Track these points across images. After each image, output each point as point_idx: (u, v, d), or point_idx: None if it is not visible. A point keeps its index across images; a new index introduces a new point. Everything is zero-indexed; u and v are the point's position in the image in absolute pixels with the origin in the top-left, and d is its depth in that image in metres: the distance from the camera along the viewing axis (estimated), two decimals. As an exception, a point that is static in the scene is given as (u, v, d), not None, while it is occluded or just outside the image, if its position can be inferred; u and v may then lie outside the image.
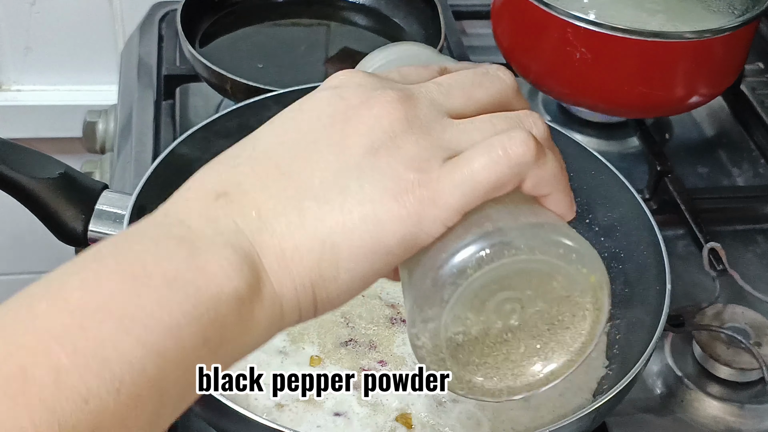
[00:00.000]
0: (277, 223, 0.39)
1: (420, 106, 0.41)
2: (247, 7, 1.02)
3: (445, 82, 0.43)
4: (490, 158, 0.39)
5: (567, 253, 0.40)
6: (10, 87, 1.22)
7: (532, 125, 0.42)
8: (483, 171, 0.39)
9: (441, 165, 0.39)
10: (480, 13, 1.08)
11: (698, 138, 0.99)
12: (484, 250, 0.39)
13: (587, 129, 0.97)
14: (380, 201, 0.38)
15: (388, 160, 0.39)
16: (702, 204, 0.86)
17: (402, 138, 0.39)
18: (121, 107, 0.97)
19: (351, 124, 0.40)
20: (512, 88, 0.44)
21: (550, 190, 0.41)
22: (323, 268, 0.39)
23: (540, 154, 0.40)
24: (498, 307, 0.41)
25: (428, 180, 0.39)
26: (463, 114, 0.42)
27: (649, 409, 0.71)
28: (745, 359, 0.71)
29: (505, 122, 0.41)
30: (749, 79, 1.02)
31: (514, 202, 0.41)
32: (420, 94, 0.42)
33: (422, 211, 0.39)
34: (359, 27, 1.02)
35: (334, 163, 0.39)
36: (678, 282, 0.70)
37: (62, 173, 0.67)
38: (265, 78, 0.89)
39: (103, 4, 1.16)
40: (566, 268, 0.40)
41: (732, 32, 0.85)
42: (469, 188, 0.39)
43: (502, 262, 0.39)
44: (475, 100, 0.43)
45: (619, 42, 0.83)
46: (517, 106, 0.44)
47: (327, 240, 0.38)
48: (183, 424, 0.67)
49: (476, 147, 0.39)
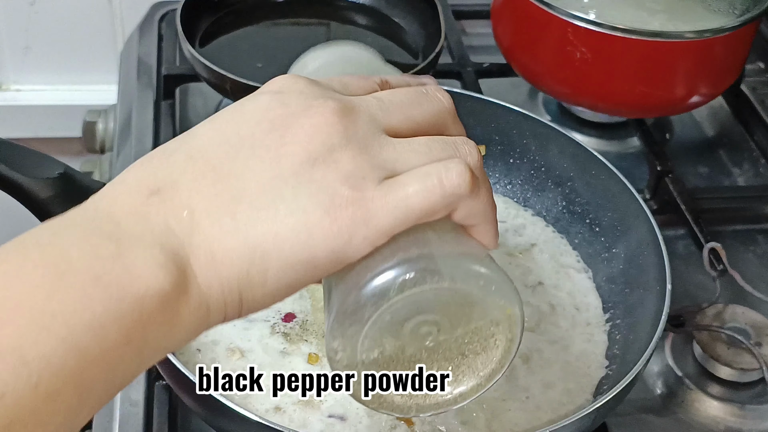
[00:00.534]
0: (209, 225, 0.39)
1: (359, 121, 0.41)
2: (247, 7, 1.02)
3: (385, 98, 0.43)
4: (425, 186, 0.40)
5: (487, 285, 0.41)
6: (9, 87, 1.22)
7: (467, 153, 0.42)
8: (417, 197, 0.40)
9: (376, 185, 0.40)
10: (480, 13, 1.08)
11: (699, 138, 0.99)
12: (408, 275, 0.40)
13: (587, 129, 0.97)
14: (313, 214, 0.39)
15: (324, 173, 0.39)
16: (702, 204, 0.86)
17: (340, 152, 0.40)
18: (121, 107, 0.97)
19: (290, 132, 0.40)
20: (449, 110, 0.45)
21: (479, 222, 0.42)
22: (252, 274, 0.39)
23: (474, 187, 0.41)
24: (415, 329, 0.42)
25: (362, 199, 0.39)
26: (398, 132, 0.42)
27: (649, 409, 0.71)
28: (745, 359, 0.71)
29: (442, 149, 0.42)
30: (749, 78, 1.02)
31: (442, 228, 0.42)
32: (360, 108, 0.42)
33: (353, 229, 0.39)
34: (359, 27, 1.02)
35: (270, 170, 0.40)
36: (678, 282, 0.70)
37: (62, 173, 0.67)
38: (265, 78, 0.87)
39: (102, 4, 1.16)
40: (484, 300, 0.42)
41: (732, 32, 0.85)
42: (401, 213, 0.39)
43: (423, 288, 0.40)
44: (412, 119, 0.43)
45: (619, 42, 0.83)
46: (453, 129, 0.45)
47: (258, 247, 0.39)
48: (183, 424, 0.67)
49: (413, 173, 0.40)
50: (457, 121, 0.46)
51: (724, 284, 0.76)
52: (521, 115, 0.78)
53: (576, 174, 0.76)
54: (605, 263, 0.73)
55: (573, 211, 0.77)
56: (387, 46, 0.99)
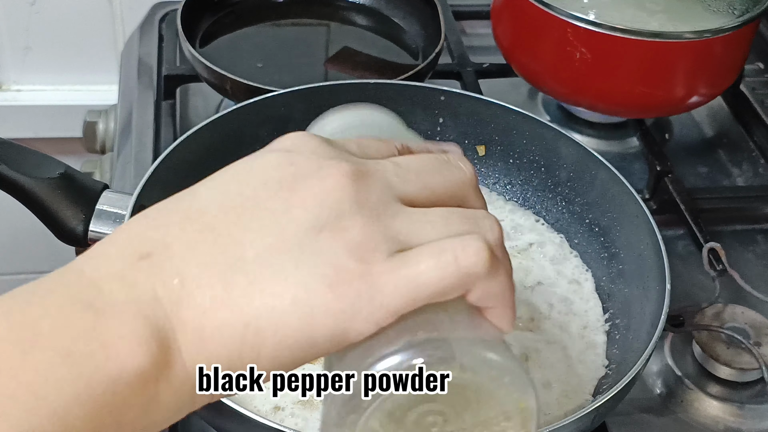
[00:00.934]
0: (200, 295, 0.35)
1: (373, 187, 0.38)
2: (247, 7, 1.02)
3: (403, 163, 0.40)
4: (438, 263, 0.36)
5: (499, 376, 0.38)
6: (10, 87, 1.22)
7: (488, 229, 0.38)
8: (429, 275, 0.36)
9: (386, 258, 0.36)
10: (480, 13, 1.08)
11: (698, 138, 0.99)
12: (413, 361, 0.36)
13: (587, 129, 0.97)
14: (315, 288, 0.35)
15: (331, 242, 0.36)
16: (702, 204, 0.86)
17: (349, 219, 0.36)
18: (122, 107, 0.97)
19: (298, 195, 0.37)
20: (471, 182, 0.41)
21: (495, 305, 0.38)
22: (244, 352, 0.36)
23: (492, 267, 0.37)
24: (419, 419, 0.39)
25: (369, 273, 0.36)
26: (415, 201, 0.39)
27: (648, 409, 0.71)
28: (744, 359, 0.71)
29: (461, 222, 0.38)
30: (749, 79, 1.02)
31: (454, 308, 0.38)
32: (375, 173, 0.38)
33: (357, 306, 0.36)
34: (359, 27, 1.02)
35: (272, 236, 0.36)
36: (678, 282, 0.70)
37: (62, 173, 0.67)
38: (265, 78, 0.89)
39: (103, 4, 1.16)
40: (496, 391, 0.38)
41: (732, 32, 0.85)
42: (411, 291, 0.36)
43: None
44: (430, 188, 0.40)
45: (619, 42, 0.83)
46: (474, 202, 0.41)
47: (252, 323, 0.35)
48: (183, 424, 0.67)
49: (426, 247, 0.37)
50: (479, 193, 0.42)
51: (723, 284, 0.76)
52: (521, 115, 0.78)
53: (576, 174, 0.76)
54: (605, 263, 0.73)
55: (573, 211, 0.77)
56: (387, 46, 0.99)
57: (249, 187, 0.38)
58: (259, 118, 0.76)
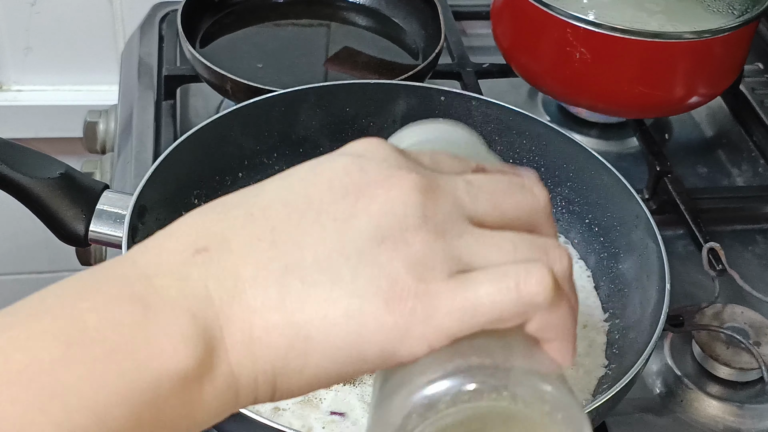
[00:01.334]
0: (253, 296, 0.35)
1: (441, 202, 0.36)
2: (247, 7, 1.02)
3: (476, 182, 0.38)
4: (498, 289, 0.35)
5: (553, 411, 0.36)
6: (10, 87, 1.22)
7: (556, 260, 0.37)
8: (487, 301, 0.35)
9: (445, 278, 0.35)
10: (480, 13, 1.08)
11: (698, 138, 0.99)
12: (463, 387, 0.35)
13: (587, 129, 0.97)
14: (370, 301, 0.34)
15: (391, 255, 0.35)
16: (701, 204, 0.86)
17: (413, 233, 0.35)
18: (122, 107, 0.97)
19: (362, 202, 0.36)
20: (545, 209, 0.40)
21: (555, 338, 0.37)
22: (290, 358, 0.35)
23: (555, 298, 0.35)
24: None
25: (426, 293, 0.35)
26: (484, 222, 0.37)
27: (648, 408, 0.71)
28: (744, 359, 0.71)
29: (529, 249, 0.37)
30: (749, 79, 1.02)
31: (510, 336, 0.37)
32: (445, 188, 0.37)
33: (411, 325, 0.34)
34: (359, 27, 1.02)
35: (332, 243, 0.35)
36: (677, 282, 0.70)
37: (63, 173, 0.67)
38: (265, 78, 0.89)
39: (103, 4, 1.16)
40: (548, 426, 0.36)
41: (731, 32, 0.85)
42: (468, 316, 0.35)
43: (479, 405, 0.35)
44: (501, 210, 0.38)
45: (619, 42, 0.83)
46: (545, 230, 0.40)
47: (302, 329, 0.35)
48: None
49: (488, 271, 0.35)
50: (552, 222, 0.40)
51: (723, 284, 0.76)
52: (521, 115, 0.78)
53: (576, 174, 0.76)
54: (604, 263, 0.73)
55: (573, 211, 0.77)
56: (387, 46, 1.00)
57: (315, 190, 0.37)
58: (259, 118, 0.76)
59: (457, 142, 0.50)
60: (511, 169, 0.42)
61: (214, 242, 0.36)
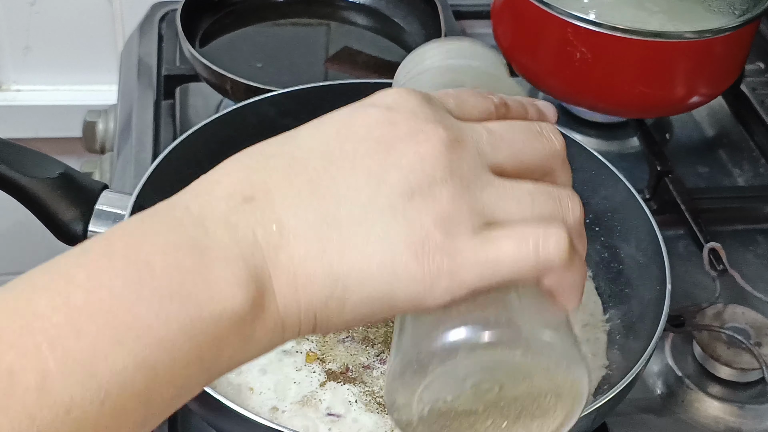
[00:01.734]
0: (296, 245, 0.37)
1: (466, 155, 0.39)
2: (247, 7, 1.02)
3: (497, 131, 0.41)
4: (519, 250, 0.38)
5: (560, 360, 0.40)
6: (9, 87, 1.22)
7: (569, 210, 0.41)
8: (508, 260, 0.38)
9: (470, 235, 0.38)
10: (480, 13, 1.08)
11: (698, 138, 0.99)
12: (480, 337, 0.39)
13: (587, 129, 0.97)
14: (402, 254, 0.37)
15: (419, 211, 0.38)
16: (702, 204, 0.86)
17: (440, 187, 0.38)
18: (121, 107, 0.97)
19: (393, 156, 0.39)
20: (561, 154, 0.43)
21: (565, 290, 0.40)
22: (330, 304, 0.38)
23: (569, 259, 0.39)
24: (477, 385, 0.41)
25: (453, 248, 0.38)
26: (504, 170, 0.40)
27: (649, 409, 0.71)
28: (745, 359, 0.71)
29: (546, 202, 0.40)
30: (749, 79, 1.02)
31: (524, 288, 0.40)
32: (469, 141, 0.40)
33: (437, 278, 0.38)
34: (359, 27, 1.02)
35: (366, 196, 0.38)
36: (678, 282, 0.70)
37: (62, 173, 0.67)
38: (265, 78, 0.89)
39: (103, 4, 1.16)
40: (555, 373, 0.40)
41: (732, 32, 0.85)
42: (489, 272, 0.38)
43: (495, 353, 0.39)
44: (520, 159, 0.41)
45: (619, 42, 0.83)
46: (561, 176, 0.43)
47: (340, 279, 0.38)
48: (183, 424, 0.67)
49: (510, 232, 0.38)
50: (567, 166, 0.44)
51: (723, 284, 0.76)
52: (521, 115, 0.78)
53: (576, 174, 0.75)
54: (605, 263, 0.73)
55: (573, 211, 0.76)
56: (387, 46, 0.99)
57: (349, 143, 0.39)
58: (259, 117, 0.76)
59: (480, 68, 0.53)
60: (531, 103, 0.46)
61: (259, 192, 0.38)
